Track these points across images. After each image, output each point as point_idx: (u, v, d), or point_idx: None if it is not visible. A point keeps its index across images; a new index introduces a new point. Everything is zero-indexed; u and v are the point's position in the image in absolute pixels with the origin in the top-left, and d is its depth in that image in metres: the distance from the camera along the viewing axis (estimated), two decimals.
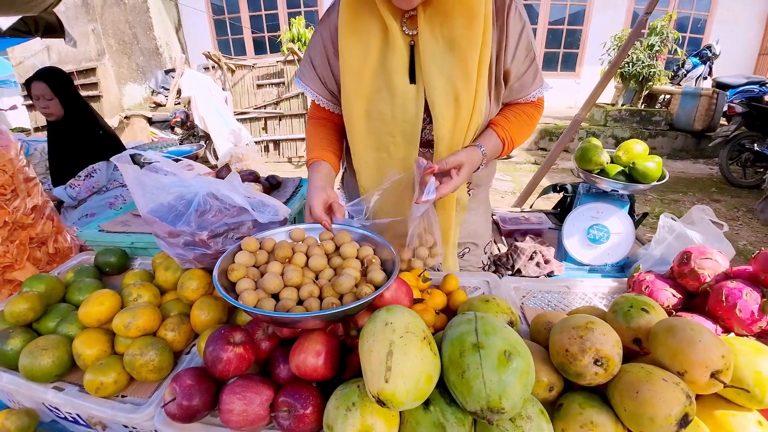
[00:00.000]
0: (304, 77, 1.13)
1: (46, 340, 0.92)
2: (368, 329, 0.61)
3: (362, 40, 1.00)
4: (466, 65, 0.97)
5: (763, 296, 0.82)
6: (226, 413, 0.69)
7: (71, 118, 2.55)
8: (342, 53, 1.02)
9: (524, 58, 1.05)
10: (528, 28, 1.04)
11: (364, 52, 1.01)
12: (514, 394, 0.52)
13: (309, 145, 1.15)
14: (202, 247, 0.97)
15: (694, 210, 1.39)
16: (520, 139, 1.12)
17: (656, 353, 0.64)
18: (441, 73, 0.99)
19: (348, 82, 1.04)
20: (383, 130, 1.07)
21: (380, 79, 1.02)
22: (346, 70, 1.03)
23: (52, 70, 2.57)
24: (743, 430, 0.64)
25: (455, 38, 0.96)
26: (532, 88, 1.11)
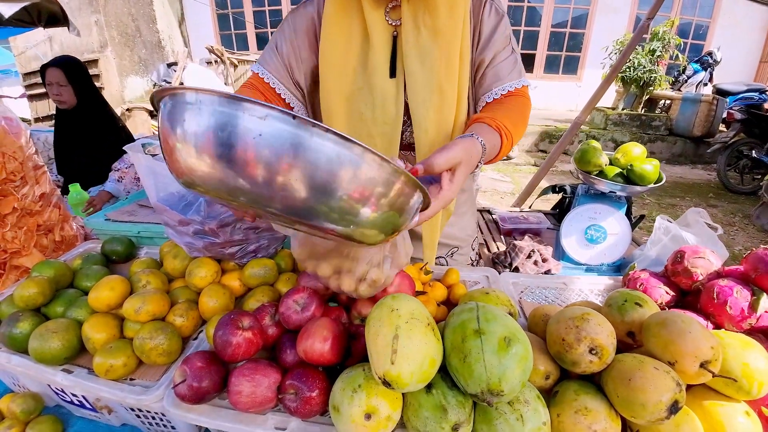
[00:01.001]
0: (266, 64, 1.05)
1: (56, 323, 0.94)
2: (375, 315, 0.64)
3: (345, 39, 0.99)
4: (449, 54, 0.96)
5: (753, 294, 0.85)
6: (234, 395, 0.72)
7: (83, 107, 2.58)
8: (323, 47, 1.00)
9: (501, 48, 1.02)
10: (505, 22, 1.03)
11: (346, 51, 1.00)
12: (513, 378, 0.55)
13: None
14: (211, 236, 1.00)
15: (690, 212, 1.43)
16: (515, 128, 0.95)
17: (648, 344, 0.67)
18: (423, 64, 0.98)
19: (328, 78, 1.01)
20: (363, 132, 1.04)
21: (361, 78, 1.01)
22: (327, 66, 1.00)
23: (69, 58, 2.60)
24: (731, 420, 0.66)
25: (438, 27, 0.95)
26: (509, 78, 1.03)
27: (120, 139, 2.73)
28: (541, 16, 9.60)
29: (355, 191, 0.48)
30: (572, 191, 2.06)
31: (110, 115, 2.73)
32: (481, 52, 1.02)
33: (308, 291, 0.86)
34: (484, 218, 2.29)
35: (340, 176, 0.46)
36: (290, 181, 0.45)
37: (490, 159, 0.90)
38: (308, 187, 0.45)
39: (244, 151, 0.44)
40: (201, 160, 0.46)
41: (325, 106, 1.05)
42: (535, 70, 10.01)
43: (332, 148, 0.45)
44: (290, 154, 0.44)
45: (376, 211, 0.51)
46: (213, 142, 0.45)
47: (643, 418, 0.59)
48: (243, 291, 1.07)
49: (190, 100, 0.47)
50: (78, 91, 2.52)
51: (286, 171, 0.44)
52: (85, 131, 2.62)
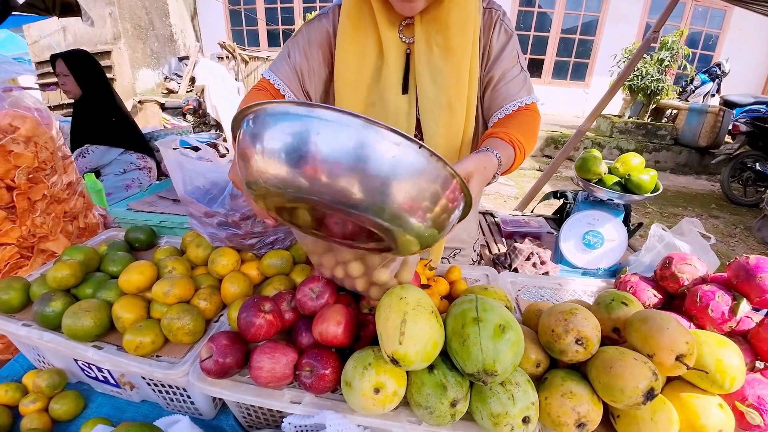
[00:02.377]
0: (277, 71, 1.08)
1: (88, 303, 1.01)
2: (385, 302, 0.72)
3: (359, 55, 1.03)
4: (459, 72, 1.01)
5: (734, 299, 0.92)
6: (256, 370, 0.80)
7: (88, 98, 2.68)
8: (339, 65, 1.04)
9: (510, 67, 1.06)
10: (514, 41, 1.07)
11: (359, 66, 1.03)
12: (506, 360, 0.63)
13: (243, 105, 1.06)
14: (234, 227, 1.08)
15: (684, 222, 1.50)
16: (527, 140, 0.98)
17: (630, 339, 0.75)
18: (434, 82, 1.02)
19: (344, 94, 1.05)
20: None
21: (374, 94, 1.05)
22: (342, 83, 1.05)
23: (75, 50, 2.72)
24: (705, 410, 0.73)
25: (450, 46, 0.99)
26: (519, 95, 1.07)
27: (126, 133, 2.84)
28: (551, 22, 9.64)
29: (425, 197, 0.53)
30: (573, 197, 2.14)
31: (117, 106, 2.82)
32: (489, 70, 1.07)
33: (323, 280, 0.94)
34: (487, 220, 2.36)
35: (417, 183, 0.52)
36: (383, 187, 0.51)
37: (506, 170, 0.94)
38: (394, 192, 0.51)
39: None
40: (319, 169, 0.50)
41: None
42: (543, 75, 10.05)
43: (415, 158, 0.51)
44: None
45: (435, 220, 0.56)
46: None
47: (622, 403, 0.66)
48: (260, 279, 1.15)
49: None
50: (81, 81, 2.63)
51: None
52: (91, 122, 2.73)
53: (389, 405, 0.70)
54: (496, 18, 1.06)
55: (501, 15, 1.07)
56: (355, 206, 0.52)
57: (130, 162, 2.90)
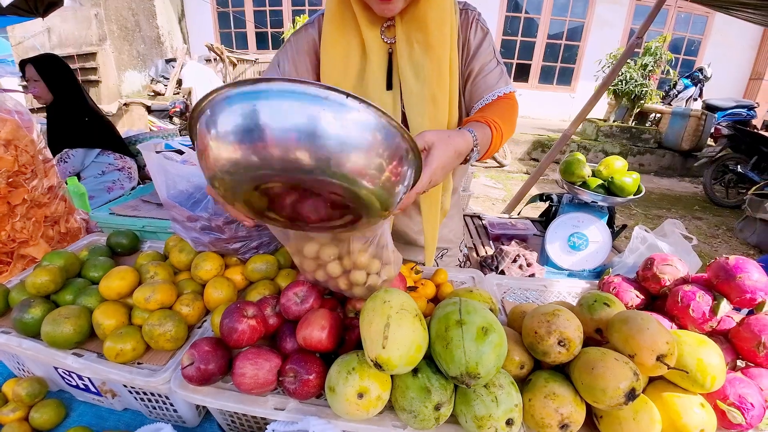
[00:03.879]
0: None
1: (68, 309, 0.99)
2: (369, 306, 0.71)
3: (343, 56, 1.07)
4: (440, 67, 1.05)
5: (714, 299, 0.94)
6: (238, 376, 0.79)
7: (60, 103, 2.65)
8: (323, 67, 1.09)
9: (487, 61, 1.11)
10: (489, 37, 1.13)
11: (345, 67, 1.08)
12: (489, 362, 0.63)
13: None
14: (217, 232, 1.07)
15: (666, 223, 1.52)
16: (504, 123, 1.00)
17: (612, 339, 0.75)
18: (417, 77, 1.07)
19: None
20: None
21: (359, 92, 1.03)
22: (328, 82, 1.08)
23: (45, 55, 2.69)
24: (687, 410, 0.74)
25: (430, 42, 1.04)
26: (498, 86, 1.12)
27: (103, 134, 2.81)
28: (537, 27, 9.76)
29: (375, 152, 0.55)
30: (558, 200, 2.16)
31: (89, 106, 2.79)
32: (469, 64, 1.12)
33: (307, 285, 0.93)
34: (474, 223, 2.37)
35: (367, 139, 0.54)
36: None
37: (485, 149, 0.96)
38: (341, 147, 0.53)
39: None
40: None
41: None
42: (530, 80, 10.17)
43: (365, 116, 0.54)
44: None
45: (389, 172, 0.57)
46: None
47: (604, 403, 0.67)
48: (245, 284, 1.14)
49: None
50: (53, 86, 2.60)
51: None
52: (65, 126, 2.70)
53: (373, 410, 0.69)
54: (472, 17, 1.12)
55: (477, 15, 1.13)
56: (310, 171, 0.53)
57: (108, 163, 2.86)
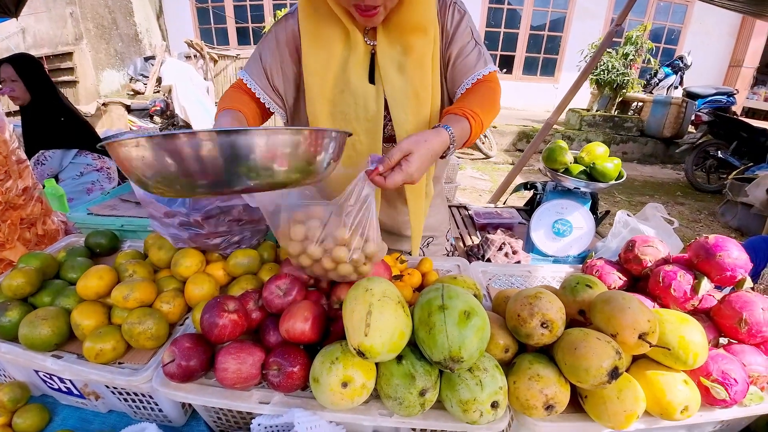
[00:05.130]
0: (250, 72, 1.15)
1: (45, 311, 0.97)
2: (351, 295, 0.70)
3: (325, 47, 1.08)
4: (422, 66, 1.09)
5: (695, 278, 0.95)
6: (221, 371, 0.78)
7: (38, 103, 2.59)
8: (306, 59, 1.09)
9: (465, 43, 1.12)
10: (467, 18, 1.14)
11: (327, 57, 1.09)
12: (471, 346, 0.63)
13: (221, 102, 1.13)
14: (196, 227, 1.05)
15: (648, 207, 1.54)
16: (483, 111, 1.03)
17: (595, 320, 0.76)
18: (399, 75, 1.10)
19: (312, 85, 1.10)
20: (348, 128, 1.11)
21: (342, 82, 1.10)
22: (310, 74, 1.10)
23: (21, 55, 2.62)
24: (671, 387, 0.75)
25: (411, 44, 1.07)
26: (477, 68, 1.12)
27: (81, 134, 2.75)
28: (520, 18, 9.79)
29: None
30: (542, 188, 2.17)
31: (65, 106, 2.73)
32: (447, 48, 1.13)
33: (290, 277, 0.92)
34: (461, 213, 2.38)
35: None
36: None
37: (463, 142, 1.00)
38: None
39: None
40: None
41: (310, 109, 1.13)
42: (514, 71, 10.21)
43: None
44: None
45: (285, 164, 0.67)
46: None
47: (588, 383, 0.67)
48: (227, 281, 1.12)
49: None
50: (30, 86, 2.54)
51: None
52: (43, 127, 2.64)
53: (358, 399, 0.69)
54: (450, 2, 1.12)
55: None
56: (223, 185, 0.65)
57: (86, 164, 2.80)
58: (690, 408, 0.75)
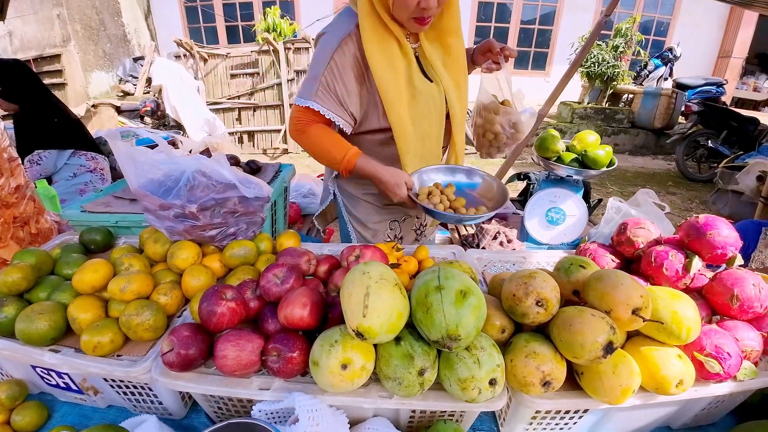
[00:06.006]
0: (324, 102, 1.25)
1: (42, 305, 0.96)
2: (348, 278, 0.71)
3: (390, 61, 1.23)
4: (459, 60, 1.35)
5: (686, 257, 0.96)
6: (220, 359, 0.78)
7: (28, 109, 2.56)
8: (379, 75, 1.22)
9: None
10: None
11: (394, 69, 1.24)
12: (468, 324, 0.64)
13: (332, 144, 1.29)
14: (192, 219, 1.04)
15: (639, 193, 1.55)
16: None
17: (588, 298, 0.77)
18: (444, 70, 1.34)
19: (389, 95, 1.24)
20: (425, 124, 1.34)
21: (411, 87, 1.28)
22: (387, 89, 1.24)
23: (2, 62, 2.59)
24: (665, 361, 0.77)
25: (449, 44, 1.32)
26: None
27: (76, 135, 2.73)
28: (510, 13, 9.81)
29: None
30: (536, 178, 2.19)
31: (57, 106, 2.72)
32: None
33: (287, 266, 0.92)
34: None
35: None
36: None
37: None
38: None
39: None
40: None
41: (394, 117, 1.27)
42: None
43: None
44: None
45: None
46: None
47: (583, 357, 0.68)
48: (224, 272, 1.12)
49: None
50: (12, 97, 2.51)
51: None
52: (36, 132, 2.61)
53: (358, 380, 0.70)
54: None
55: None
56: None
57: (80, 165, 2.78)
58: (685, 382, 0.76)
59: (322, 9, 8.50)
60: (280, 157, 7.02)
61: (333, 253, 1.17)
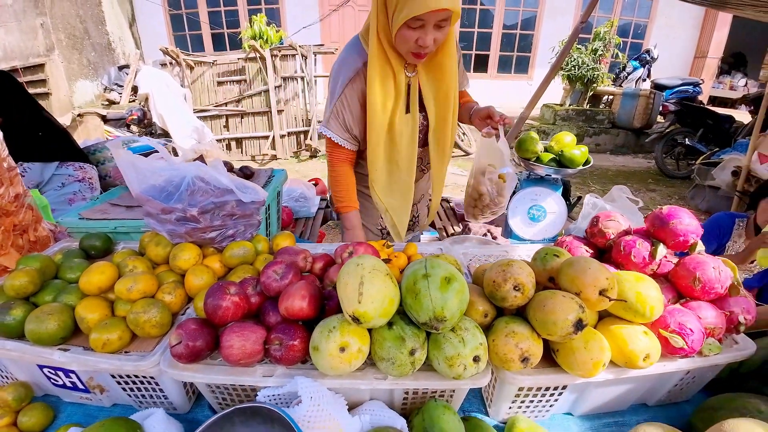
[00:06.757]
0: (332, 128, 1.50)
1: (50, 307, 1.00)
2: (344, 270, 0.78)
3: (385, 93, 1.40)
4: (449, 96, 1.48)
5: (652, 245, 1.05)
6: (226, 349, 0.84)
7: (11, 122, 2.55)
8: (370, 106, 1.40)
9: (462, 73, 1.58)
10: (460, 54, 1.56)
11: (384, 101, 1.41)
12: (453, 306, 0.71)
13: (341, 190, 1.56)
14: (193, 222, 1.10)
15: (614, 189, 1.65)
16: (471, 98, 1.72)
17: (561, 282, 0.85)
18: (436, 98, 1.49)
19: (375, 123, 1.43)
20: (394, 149, 1.51)
21: (392, 116, 1.45)
22: (374, 116, 1.42)
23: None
24: (632, 338, 0.85)
25: (442, 79, 1.45)
26: (463, 85, 1.65)
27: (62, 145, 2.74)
28: (493, 18, 10.00)
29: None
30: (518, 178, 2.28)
31: (44, 118, 2.72)
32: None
33: (285, 263, 0.99)
34: (443, 206, 2.47)
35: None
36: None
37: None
38: None
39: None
40: None
41: (372, 138, 1.46)
42: (489, 69, 10.42)
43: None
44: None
45: None
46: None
47: (556, 334, 0.76)
48: (224, 272, 1.17)
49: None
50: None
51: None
52: (19, 141, 2.62)
53: (355, 362, 0.76)
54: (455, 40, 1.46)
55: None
56: None
57: (68, 175, 2.78)
58: (651, 356, 0.85)
59: (309, 17, 8.58)
60: (270, 163, 7.06)
61: (327, 252, 1.24)
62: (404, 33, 1.26)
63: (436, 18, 1.22)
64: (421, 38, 1.26)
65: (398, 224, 1.62)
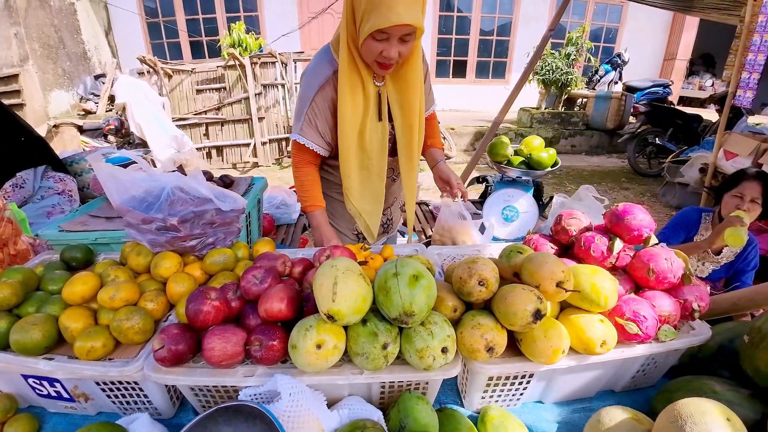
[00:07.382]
0: (306, 135, 1.53)
1: (35, 317, 1.02)
2: (319, 272, 0.83)
3: (355, 102, 1.45)
4: (414, 105, 1.52)
5: (610, 240, 1.13)
6: (208, 351, 0.88)
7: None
8: (341, 112, 1.45)
9: (429, 87, 1.65)
10: (427, 68, 1.63)
11: (354, 109, 1.46)
12: (421, 302, 0.77)
13: (305, 191, 1.60)
14: (173, 231, 1.14)
15: (581, 189, 1.74)
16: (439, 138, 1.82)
17: (523, 277, 0.92)
18: (401, 108, 1.54)
19: (346, 131, 1.48)
20: (365, 156, 1.57)
21: (362, 125, 1.50)
22: (344, 123, 1.47)
23: None
24: (589, 325, 0.92)
25: (409, 90, 1.50)
26: (429, 107, 1.71)
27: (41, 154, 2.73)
28: (470, 24, 10.19)
29: None
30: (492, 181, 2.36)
31: (20, 125, 2.71)
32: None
33: (264, 268, 1.03)
34: (422, 210, 2.54)
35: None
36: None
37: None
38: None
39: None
40: None
41: (343, 146, 1.51)
42: (467, 75, 10.60)
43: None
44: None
45: None
46: None
47: (517, 324, 0.82)
48: (205, 279, 1.20)
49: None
50: None
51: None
52: (6, 150, 2.60)
53: (331, 358, 0.81)
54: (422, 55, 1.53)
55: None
56: None
57: (48, 187, 2.78)
58: (608, 342, 0.91)
59: (288, 24, 8.61)
60: (251, 170, 7.04)
61: (306, 257, 1.28)
62: (370, 44, 1.31)
63: (400, 32, 1.27)
64: (385, 50, 1.31)
65: (371, 226, 1.66)
